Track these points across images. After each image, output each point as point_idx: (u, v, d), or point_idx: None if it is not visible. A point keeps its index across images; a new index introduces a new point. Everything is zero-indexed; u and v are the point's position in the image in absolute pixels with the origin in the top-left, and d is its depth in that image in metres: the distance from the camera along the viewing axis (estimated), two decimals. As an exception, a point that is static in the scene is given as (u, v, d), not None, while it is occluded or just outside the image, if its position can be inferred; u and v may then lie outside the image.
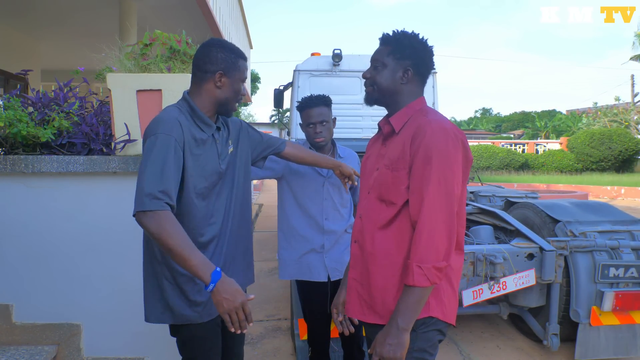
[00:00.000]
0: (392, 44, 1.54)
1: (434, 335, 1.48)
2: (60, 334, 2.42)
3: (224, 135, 1.82)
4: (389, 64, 1.54)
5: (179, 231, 1.46)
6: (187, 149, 1.60)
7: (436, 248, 1.37)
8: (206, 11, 7.18)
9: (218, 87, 1.70)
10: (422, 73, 1.56)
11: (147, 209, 1.44)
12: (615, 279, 3.01)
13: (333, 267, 2.41)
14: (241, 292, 1.49)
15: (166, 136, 1.54)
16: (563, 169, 21.88)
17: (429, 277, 1.35)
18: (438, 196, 1.38)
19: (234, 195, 1.82)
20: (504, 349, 3.47)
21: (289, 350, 3.36)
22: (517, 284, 2.99)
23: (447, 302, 1.48)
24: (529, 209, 3.73)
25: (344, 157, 2.50)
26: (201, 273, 1.44)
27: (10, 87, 8.03)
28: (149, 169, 1.49)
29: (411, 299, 1.38)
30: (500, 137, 36.84)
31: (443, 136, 1.41)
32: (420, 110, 1.54)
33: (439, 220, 1.38)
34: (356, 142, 5.68)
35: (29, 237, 2.40)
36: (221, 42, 1.74)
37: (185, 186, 1.62)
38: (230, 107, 1.75)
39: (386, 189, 1.50)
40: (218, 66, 1.68)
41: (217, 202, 1.75)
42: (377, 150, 1.64)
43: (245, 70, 1.76)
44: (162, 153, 1.51)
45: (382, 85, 1.55)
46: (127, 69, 2.42)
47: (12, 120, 2.31)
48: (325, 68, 5.92)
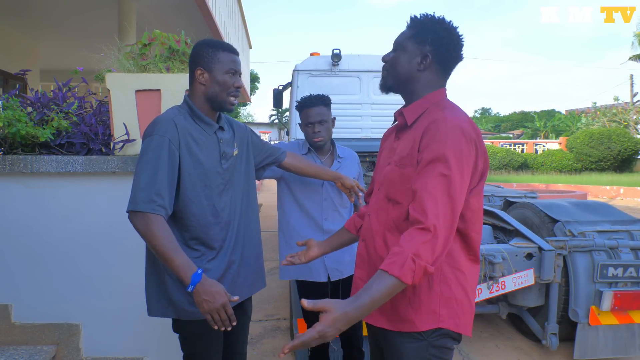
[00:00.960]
0: (416, 27, 1.43)
1: (446, 342, 1.39)
2: (60, 334, 2.42)
3: (229, 136, 1.82)
4: (409, 48, 1.43)
5: (164, 233, 1.51)
6: (184, 148, 1.63)
7: (433, 250, 1.22)
8: (205, 11, 7.18)
9: (203, 84, 1.71)
10: (443, 62, 1.43)
11: (138, 209, 1.52)
12: (614, 279, 3.01)
13: (333, 267, 2.41)
14: (222, 293, 1.53)
15: (160, 137, 1.59)
16: (562, 168, 21.88)
17: (415, 275, 1.18)
18: (441, 200, 1.25)
19: (237, 197, 1.82)
20: (503, 348, 3.47)
21: (288, 350, 3.35)
22: (516, 283, 2.99)
23: (460, 313, 1.38)
24: (527, 208, 3.73)
25: (344, 157, 2.50)
26: (182, 274, 1.50)
27: (10, 87, 8.03)
28: (144, 170, 1.55)
29: (383, 287, 1.18)
30: (499, 137, 36.85)
31: (457, 135, 1.29)
32: (437, 104, 1.42)
33: (439, 225, 1.24)
34: (356, 142, 5.70)
35: (28, 237, 2.40)
36: (204, 41, 1.74)
37: (182, 184, 1.64)
38: (221, 101, 1.72)
39: (393, 187, 1.42)
40: (197, 63, 1.71)
41: (219, 203, 1.74)
42: (391, 143, 1.54)
43: (231, 61, 1.71)
44: (156, 154, 1.57)
45: (397, 70, 1.45)
46: (126, 69, 2.42)
47: (11, 120, 2.31)
48: (325, 68, 5.92)
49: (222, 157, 1.75)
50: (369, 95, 5.99)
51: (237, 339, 1.94)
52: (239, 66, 1.75)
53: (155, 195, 1.53)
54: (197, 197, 1.68)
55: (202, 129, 1.71)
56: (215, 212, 1.73)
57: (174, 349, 2.46)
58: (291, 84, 6.16)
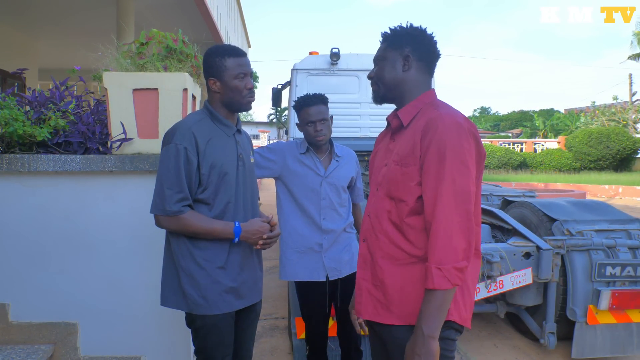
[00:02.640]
0: (389, 38, 1.52)
1: (450, 333, 1.43)
2: (57, 333, 2.41)
3: (245, 140, 1.96)
4: (389, 56, 1.50)
5: (196, 219, 1.72)
6: (202, 152, 1.74)
7: (454, 248, 1.30)
8: (204, 10, 7.17)
9: (217, 92, 1.82)
10: (424, 58, 1.50)
11: (168, 214, 1.70)
12: (612, 278, 3.02)
13: (332, 266, 2.41)
14: (259, 228, 1.81)
15: (175, 146, 1.71)
16: (561, 167, 21.89)
17: (449, 278, 1.29)
18: (453, 195, 1.32)
19: (247, 203, 1.90)
20: (501, 347, 3.47)
21: (286, 349, 3.36)
22: (514, 282, 2.99)
23: (463, 305, 1.43)
24: (526, 207, 3.73)
25: (342, 156, 2.50)
26: (226, 234, 1.75)
27: (8, 86, 8.01)
28: (165, 175, 1.71)
29: (434, 303, 1.31)
30: (498, 136, 36.85)
31: (456, 131, 1.35)
32: (430, 104, 1.48)
33: (454, 220, 1.31)
34: (354, 141, 5.69)
35: (25, 235, 2.40)
36: (211, 50, 1.84)
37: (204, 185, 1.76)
38: (238, 103, 1.83)
39: (395, 185, 1.45)
40: (208, 73, 1.82)
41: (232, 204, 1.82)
42: (386, 145, 1.58)
43: (239, 66, 1.80)
44: (174, 161, 1.70)
45: (386, 79, 1.51)
46: (123, 67, 2.41)
47: (8, 119, 2.30)
48: (323, 67, 5.92)
49: (239, 159, 1.86)
50: (368, 94, 5.98)
51: (246, 335, 1.99)
52: (247, 67, 1.83)
53: (179, 196, 1.69)
54: (213, 192, 1.78)
55: (222, 131, 1.83)
56: (231, 214, 1.82)
57: (171, 348, 2.46)
58: (290, 83, 6.16)
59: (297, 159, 2.43)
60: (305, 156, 2.42)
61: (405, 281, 1.43)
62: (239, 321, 1.91)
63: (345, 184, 2.48)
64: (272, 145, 2.53)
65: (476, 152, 1.39)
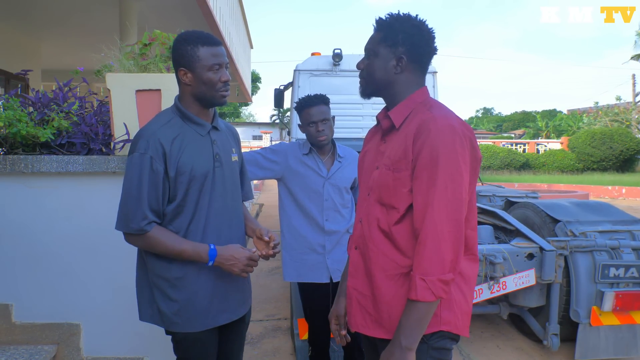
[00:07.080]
0: (384, 30, 1.40)
1: (445, 343, 1.38)
2: (60, 333, 2.42)
3: (225, 138, 1.76)
4: (381, 53, 1.40)
5: (164, 237, 1.56)
6: (170, 158, 1.57)
7: (441, 259, 1.24)
8: (206, 11, 7.17)
9: (188, 85, 1.62)
10: (419, 60, 1.41)
11: (132, 232, 1.55)
12: (616, 279, 3.01)
13: (335, 268, 2.41)
14: (239, 251, 1.61)
15: (141, 155, 1.55)
16: (564, 168, 21.84)
17: (433, 291, 1.23)
18: (444, 202, 1.26)
19: (226, 208, 1.71)
20: (504, 348, 3.46)
21: (289, 350, 3.36)
22: (517, 283, 2.99)
23: (459, 313, 1.37)
24: (529, 208, 3.72)
25: (344, 157, 2.50)
26: (198, 259, 1.57)
27: (11, 87, 8.03)
28: (128, 190, 1.55)
29: (415, 315, 1.26)
30: (501, 136, 36.81)
31: (449, 134, 1.28)
32: (422, 103, 1.40)
33: (444, 230, 1.25)
34: (357, 142, 5.68)
35: (28, 236, 2.40)
36: (181, 36, 1.63)
37: (174, 191, 1.60)
38: (211, 97, 1.62)
39: (387, 191, 1.37)
40: (178, 63, 1.61)
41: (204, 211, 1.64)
42: (376, 146, 1.50)
43: (213, 56, 1.59)
44: (140, 174, 1.54)
45: (375, 76, 1.42)
46: (126, 68, 2.42)
47: (12, 120, 2.31)
48: (326, 68, 5.92)
49: (215, 159, 1.66)
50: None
51: (234, 346, 1.86)
52: (223, 58, 1.62)
53: (143, 212, 1.53)
54: (187, 196, 1.61)
55: (194, 130, 1.64)
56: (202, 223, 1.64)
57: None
58: (292, 84, 6.16)
59: (300, 160, 2.42)
60: (307, 157, 2.42)
61: (395, 293, 1.37)
62: (226, 332, 1.78)
63: (348, 184, 2.48)
64: (274, 146, 2.53)
65: (471, 157, 1.32)
